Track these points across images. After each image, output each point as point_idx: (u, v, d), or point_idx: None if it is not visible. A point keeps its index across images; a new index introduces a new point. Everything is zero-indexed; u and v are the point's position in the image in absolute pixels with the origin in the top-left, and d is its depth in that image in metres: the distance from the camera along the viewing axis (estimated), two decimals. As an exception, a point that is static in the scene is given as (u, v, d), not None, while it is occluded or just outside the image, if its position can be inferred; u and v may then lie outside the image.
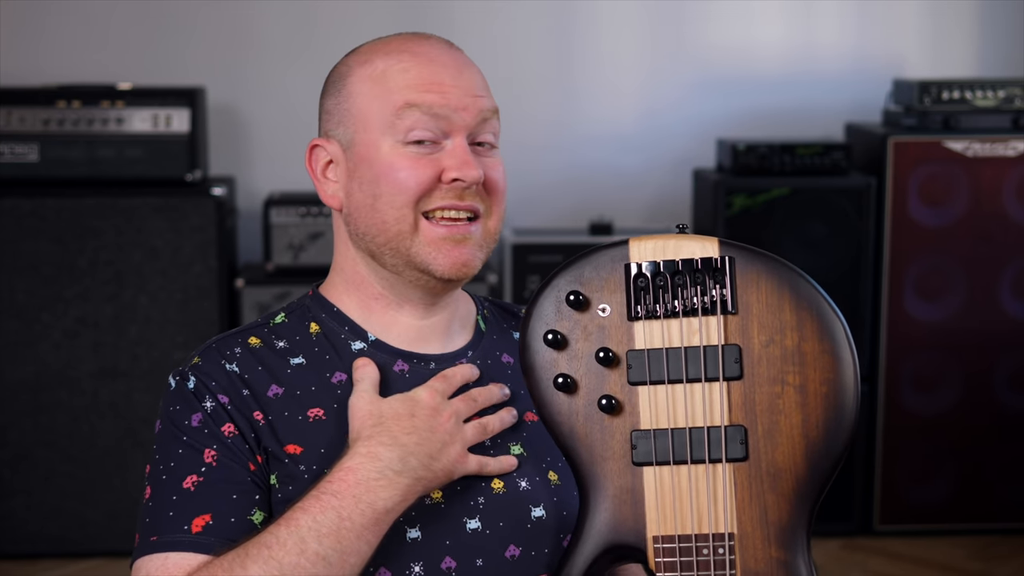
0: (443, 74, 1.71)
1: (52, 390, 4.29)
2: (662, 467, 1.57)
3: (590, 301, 1.59)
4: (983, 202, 4.44)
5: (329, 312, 1.77)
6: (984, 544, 4.45)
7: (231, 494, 1.63)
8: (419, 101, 1.69)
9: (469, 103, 1.71)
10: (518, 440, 1.75)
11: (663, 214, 4.88)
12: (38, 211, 4.25)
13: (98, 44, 4.73)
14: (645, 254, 1.58)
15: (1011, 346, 4.47)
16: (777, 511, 1.55)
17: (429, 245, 1.70)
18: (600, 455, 1.58)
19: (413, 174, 1.69)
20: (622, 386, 1.58)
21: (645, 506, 1.57)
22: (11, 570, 4.27)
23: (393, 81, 1.70)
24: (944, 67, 4.93)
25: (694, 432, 1.56)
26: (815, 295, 1.56)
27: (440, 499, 1.68)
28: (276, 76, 4.78)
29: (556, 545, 1.71)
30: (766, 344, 1.56)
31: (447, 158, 1.70)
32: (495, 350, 1.82)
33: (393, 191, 1.70)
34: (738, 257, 1.57)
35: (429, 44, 1.74)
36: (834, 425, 1.55)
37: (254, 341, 1.74)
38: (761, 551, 1.55)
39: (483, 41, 4.81)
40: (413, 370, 1.74)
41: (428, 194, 1.70)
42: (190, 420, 1.67)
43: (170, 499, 1.63)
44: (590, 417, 1.58)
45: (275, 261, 4.44)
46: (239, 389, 1.68)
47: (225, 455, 1.65)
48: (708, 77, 4.91)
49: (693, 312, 1.57)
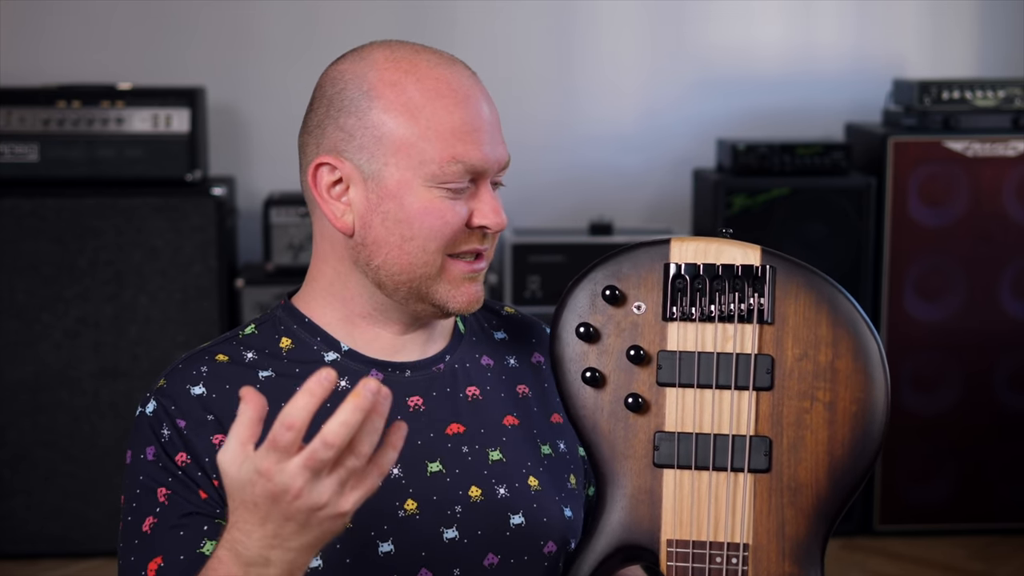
0: (482, 120, 1.66)
1: (52, 390, 4.28)
2: (683, 471, 1.56)
3: (626, 297, 1.58)
4: (983, 202, 4.44)
5: (301, 323, 1.74)
6: (984, 544, 4.45)
7: (179, 531, 1.61)
8: (464, 157, 1.64)
9: (501, 154, 1.69)
10: (497, 445, 1.73)
11: (663, 214, 4.88)
12: (38, 211, 4.24)
13: (98, 44, 4.72)
14: (686, 255, 1.57)
15: (1011, 346, 4.47)
16: (795, 526, 1.55)
17: (450, 283, 1.68)
18: (622, 453, 1.58)
19: (450, 222, 1.66)
20: (650, 386, 1.57)
21: (662, 508, 1.56)
22: (11, 570, 4.26)
23: (438, 123, 1.64)
24: (944, 67, 4.93)
25: (718, 439, 1.56)
26: (853, 313, 1.55)
27: (416, 510, 1.66)
28: (276, 76, 4.77)
29: (536, 552, 1.70)
30: (799, 358, 1.55)
31: (476, 203, 1.67)
32: (474, 352, 1.80)
33: (428, 236, 1.66)
34: (779, 267, 1.56)
35: (459, 74, 1.68)
36: (860, 446, 1.54)
37: (221, 358, 1.70)
38: (775, 565, 1.55)
39: (483, 41, 4.80)
40: (388, 379, 1.71)
41: (456, 237, 1.68)
42: (146, 454, 1.65)
43: (132, 543, 1.63)
44: (615, 414, 1.58)
45: (275, 261, 4.43)
46: (202, 414, 1.65)
47: (176, 489, 1.63)
48: (708, 77, 4.90)
49: (729, 318, 1.56)
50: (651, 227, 4.80)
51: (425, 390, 1.73)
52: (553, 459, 1.77)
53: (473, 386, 1.75)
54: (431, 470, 1.68)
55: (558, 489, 1.75)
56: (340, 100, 1.69)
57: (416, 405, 1.71)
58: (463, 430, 1.72)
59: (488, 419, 1.74)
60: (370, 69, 1.68)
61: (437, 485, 1.67)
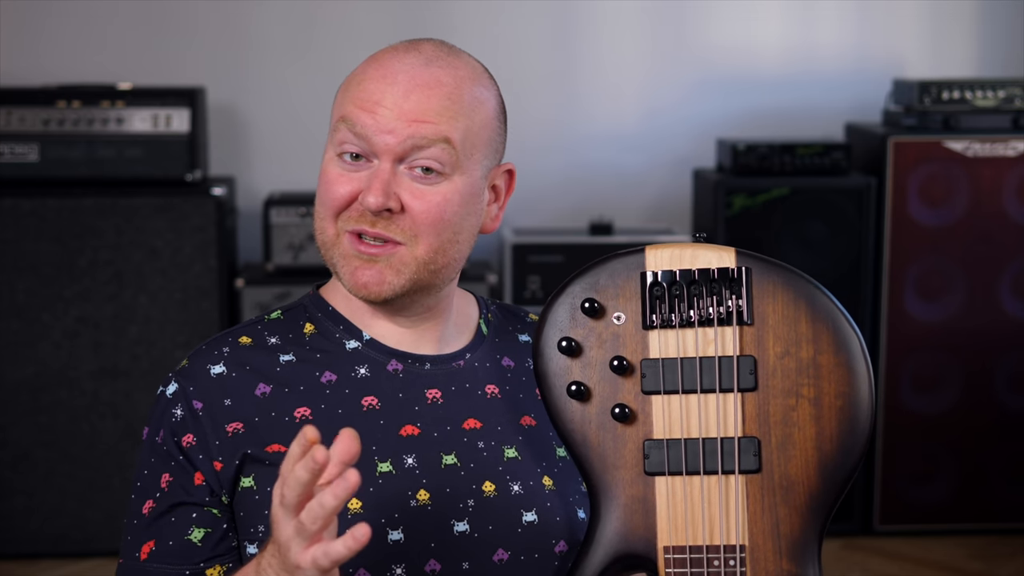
0: (388, 93, 1.67)
1: (52, 390, 4.28)
2: (674, 477, 1.56)
3: (605, 309, 1.59)
4: (983, 202, 4.44)
5: (325, 312, 1.77)
6: (985, 544, 4.45)
7: (171, 517, 1.67)
8: (351, 117, 1.67)
9: (398, 127, 1.66)
10: (513, 444, 1.74)
11: (663, 214, 4.88)
12: (38, 211, 4.25)
13: (98, 44, 4.72)
14: (661, 263, 1.58)
15: (1011, 346, 4.47)
16: (789, 524, 1.55)
17: (343, 258, 1.70)
18: (612, 464, 1.58)
19: (334, 188, 1.69)
20: (636, 395, 1.58)
21: (656, 516, 1.57)
22: (11, 570, 4.26)
23: (349, 92, 1.70)
24: (944, 67, 4.93)
25: (707, 443, 1.56)
26: (831, 308, 1.56)
27: (428, 500, 1.67)
28: (276, 76, 4.77)
29: (547, 551, 1.70)
30: (781, 356, 1.55)
31: (367, 180, 1.68)
32: (495, 353, 1.81)
33: (320, 201, 1.71)
34: (755, 268, 1.57)
35: (400, 58, 1.70)
36: (848, 439, 1.54)
37: (244, 340, 1.74)
38: (772, 564, 1.55)
39: (483, 41, 4.80)
40: (407, 370, 1.74)
41: (347, 211, 1.69)
42: (158, 435, 1.70)
43: (132, 523, 1.70)
44: (603, 425, 1.58)
45: (275, 261, 4.43)
46: (220, 398, 1.69)
47: (176, 475, 1.67)
48: (708, 77, 4.90)
49: (709, 322, 1.57)
50: (651, 227, 4.80)
51: (444, 384, 1.75)
52: (568, 462, 1.77)
53: (492, 385, 1.77)
54: (446, 462, 1.70)
55: (572, 491, 1.75)
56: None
57: (434, 398, 1.73)
58: (480, 426, 1.74)
59: (505, 417, 1.76)
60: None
61: (451, 478, 1.69)
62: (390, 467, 1.67)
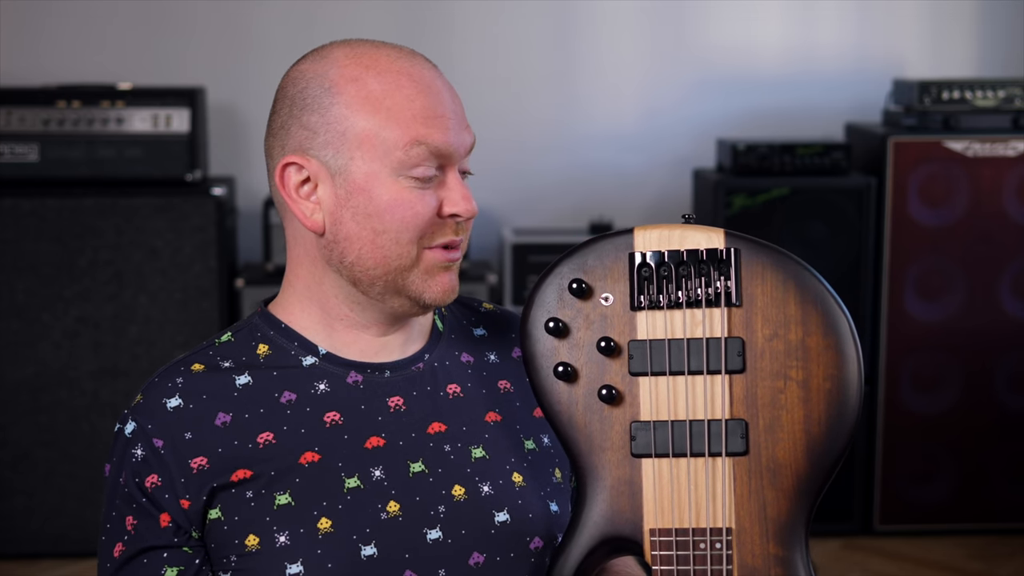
0: (444, 107, 1.66)
1: (52, 390, 4.29)
2: (661, 459, 1.55)
3: (593, 289, 1.58)
4: (983, 202, 4.43)
5: (277, 329, 1.73)
6: (984, 544, 4.44)
7: (143, 559, 1.65)
8: (427, 139, 1.64)
9: (464, 135, 1.68)
10: (480, 443, 1.72)
11: (663, 214, 4.87)
12: (38, 211, 4.25)
13: (98, 44, 4.73)
14: (650, 243, 1.57)
15: (1011, 346, 4.46)
16: (776, 507, 1.54)
17: (425, 274, 1.67)
18: (599, 445, 1.57)
19: (420, 212, 1.65)
20: (623, 376, 1.56)
21: (643, 498, 1.56)
22: (11, 570, 4.27)
23: (399, 111, 1.64)
24: (944, 67, 4.93)
25: (694, 425, 1.55)
26: (821, 289, 1.55)
27: (398, 512, 1.65)
28: (276, 76, 4.69)
29: (522, 549, 1.69)
30: (770, 338, 1.54)
31: (445, 192, 1.67)
32: (453, 350, 1.79)
33: (400, 228, 1.65)
34: (744, 249, 1.55)
35: (419, 66, 1.68)
36: (836, 422, 1.53)
37: (197, 367, 1.70)
38: (759, 547, 1.54)
39: (483, 41, 4.81)
40: (367, 380, 1.71)
41: (429, 227, 1.67)
42: (120, 476, 1.67)
43: (106, 566, 1.68)
44: (590, 407, 1.57)
45: (275, 261, 4.44)
46: (180, 432, 1.65)
47: (140, 519, 1.65)
48: (708, 77, 4.91)
49: (697, 303, 1.55)
50: (651, 227, 4.80)
51: (405, 390, 1.72)
52: (537, 454, 1.76)
53: (454, 384, 1.75)
54: (413, 471, 1.68)
55: (543, 484, 1.74)
56: (302, 99, 1.68)
57: (397, 405, 1.71)
58: (445, 429, 1.72)
59: (470, 416, 1.74)
60: (331, 67, 1.68)
61: (420, 486, 1.67)
62: (358, 482, 1.65)
